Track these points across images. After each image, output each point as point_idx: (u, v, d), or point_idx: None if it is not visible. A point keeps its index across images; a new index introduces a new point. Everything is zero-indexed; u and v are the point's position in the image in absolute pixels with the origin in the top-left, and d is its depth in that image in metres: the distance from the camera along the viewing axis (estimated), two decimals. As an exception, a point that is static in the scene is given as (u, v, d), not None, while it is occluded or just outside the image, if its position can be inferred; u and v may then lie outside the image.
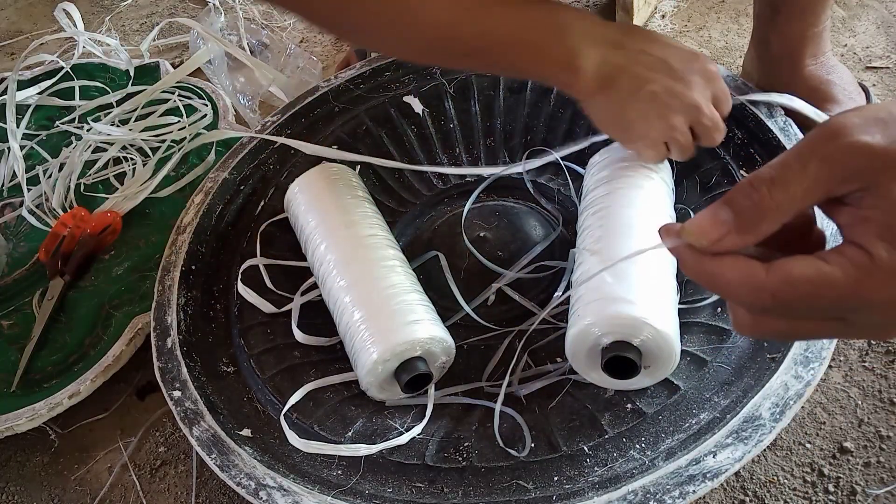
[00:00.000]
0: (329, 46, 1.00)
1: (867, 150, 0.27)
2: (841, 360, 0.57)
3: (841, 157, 0.27)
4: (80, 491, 0.60)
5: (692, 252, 0.30)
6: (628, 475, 0.44)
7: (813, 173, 0.28)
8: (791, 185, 0.28)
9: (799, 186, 0.28)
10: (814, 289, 0.28)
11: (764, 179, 0.28)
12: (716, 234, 0.29)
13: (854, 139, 0.27)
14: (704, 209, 0.30)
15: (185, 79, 0.90)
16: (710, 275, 0.30)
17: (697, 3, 0.91)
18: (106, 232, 0.73)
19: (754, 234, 0.29)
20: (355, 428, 0.51)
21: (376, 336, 0.50)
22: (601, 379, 0.49)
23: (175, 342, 0.56)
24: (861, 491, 0.50)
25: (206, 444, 0.49)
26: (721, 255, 0.29)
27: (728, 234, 0.29)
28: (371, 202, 0.62)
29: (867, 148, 0.27)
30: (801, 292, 0.28)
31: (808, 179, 0.28)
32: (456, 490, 0.47)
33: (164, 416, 0.62)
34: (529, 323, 0.57)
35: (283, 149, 0.70)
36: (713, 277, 0.30)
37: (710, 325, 0.52)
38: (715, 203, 0.29)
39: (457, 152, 0.71)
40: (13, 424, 0.59)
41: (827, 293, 0.28)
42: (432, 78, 0.73)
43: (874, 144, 0.27)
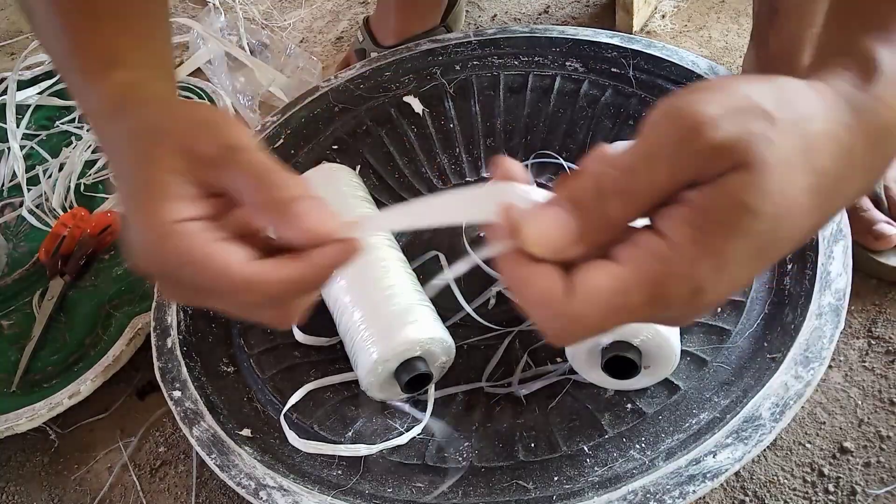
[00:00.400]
0: (329, 46, 1.00)
1: (723, 149, 0.25)
2: (841, 360, 0.57)
3: (694, 164, 0.26)
4: (80, 491, 0.60)
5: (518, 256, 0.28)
6: (628, 475, 0.44)
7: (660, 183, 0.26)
8: (639, 196, 0.26)
9: (646, 197, 0.26)
10: (617, 301, 0.26)
11: (615, 188, 0.27)
12: (560, 244, 0.27)
13: (711, 141, 0.25)
14: (547, 209, 0.27)
15: (185, 79, 0.90)
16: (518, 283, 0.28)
17: (697, 3, 0.91)
18: (106, 232, 0.73)
19: (596, 246, 0.27)
20: (355, 428, 0.51)
21: (376, 336, 0.50)
22: (601, 379, 0.49)
23: (175, 342, 0.56)
24: (861, 491, 0.50)
25: (206, 444, 0.49)
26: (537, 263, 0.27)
27: (572, 245, 0.27)
28: (371, 202, 0.62)
29: (723, 147, 0.25)
30: (604, 310, 0.26)
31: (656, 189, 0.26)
32: (456, 490, 0.47)
33: (164, 416, 0.62)
34: (529, 323, 0.57)
35: (282, 149, 0.70)
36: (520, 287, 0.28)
37: (710, 325, 0.52)
38: (559, 204, 0.27)
39: (457, 152, 0.71)
40: (13, 424, 0.59)
41: (631, 301, 0.26)
42: (432, 78, 0.73)
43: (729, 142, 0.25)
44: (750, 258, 0.26)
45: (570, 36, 0.72)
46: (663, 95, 0.67)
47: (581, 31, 0.72)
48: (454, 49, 0.75)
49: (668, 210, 0.26)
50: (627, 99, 0.68)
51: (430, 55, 0.75)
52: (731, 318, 0.52)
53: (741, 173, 0.25)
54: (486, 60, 0.74)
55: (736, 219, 0.25)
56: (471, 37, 0.75)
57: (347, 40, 1.00)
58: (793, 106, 0.27)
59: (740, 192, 0.25)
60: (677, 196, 0.26)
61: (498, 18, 0.96)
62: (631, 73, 0.68)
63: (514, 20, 0.95)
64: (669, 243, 0.26)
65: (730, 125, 0.25)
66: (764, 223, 0.26)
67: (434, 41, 0.76)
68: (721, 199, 0.25)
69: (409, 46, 0.76)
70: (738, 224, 0.25)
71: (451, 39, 0.75)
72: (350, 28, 1.02)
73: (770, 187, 0.25)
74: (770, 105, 0.26)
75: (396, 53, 0.76)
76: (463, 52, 0.74)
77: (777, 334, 0.49)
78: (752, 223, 0.26)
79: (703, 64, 0.67)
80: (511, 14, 0.96)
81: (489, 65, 0.73)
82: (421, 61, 0.75)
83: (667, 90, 0.67)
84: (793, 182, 0.26)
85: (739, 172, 0.25)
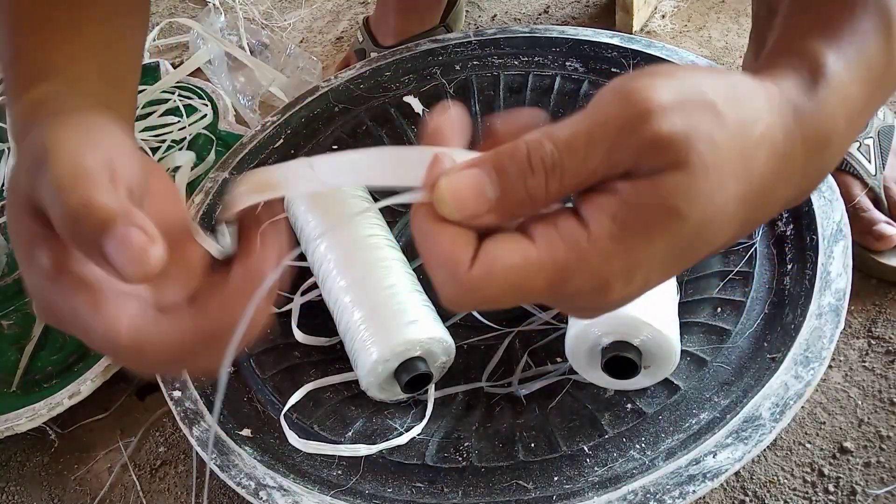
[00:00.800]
0: (329, 46, 1.00)
1: (666, 143, 0.24)
2: (841, 360, 0.57)
3: (633, 151, 0.24)
4: (80, 491, 0.60)
5: (429, 209, 0.27)
6: (628, 475, 0.44)
7: (594, 167, 0.25)
8: (569, 176, 0.25)
9: (576, 179, 0.25)
10: (517, 280, 0.25)
11: (545, 164, 0.25)
12: (472, 210, 0.26)
13: (656, 131, 0.24)
14: (468, 169, 0.26)
15: (185, 79, 0.90)
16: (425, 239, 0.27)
17: (697, 3, 0.91)
18: (106, 232, 0.73)
19: (513, 220, 0.26)
20: (355, 428, 0.51)
21: (376, 336, 0.50)
22: (601, 379, 0.49)
23: (175, 342, 0.56)
24: (861, 491, 0.50)
25: (206, 444, 0.49)
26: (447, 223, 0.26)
27: (486, 213, 0.26)
28: (371, 202, 0.62)
29: (666, 141, 0.24)
30: (503, 285, 0.25)
31: (588, 172, 0.25)
32: (456, 490, 0.47)
33: (164, 416, 0.62)
34: (529, 323, 0.57)
35: (283, 149, 0.70)
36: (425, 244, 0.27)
37: (710, 325, 0.52)
38: (482, 168, 0.26)
39: (457, 152, 0.71)
40: (13, 424, 0.59)
41: (532, 283, 0.25)
42: (432, 78, 0.73)
43: (673, 137, 0.24)
44: (665, 261, 0.26)
45: (570, 36, 0.72)
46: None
47: (581, 31, 0.72)
48: (454, 49, 0.75)
49: (596, 197, 0.25)
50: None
51: (430, 55, 0.75)
52: (731, 318, 0.52)
53: (677, 173, 0.24)
54: (486, 60, 0.74)
55: (661, 221, 0.25)
56: (471, 37, 0.75)
57: (347, 40, 1.00)
58: (741, 106, 0.26)
59: (672, 195, 0.24)
60: (608, 183, 0.25)
61: (498, 18, 0.96)
62: (631, 73, 0.68)
63: (514, 20, 0.95)
64: (588, 234, 0.25)
65: (678, 118, 0.24)
66: (688, 229, 0.25)
67: (434, 41, 0.76)
68: (651, 197, 0.24)
69: (408, 46, 0.76)
70: (662, 227, 0.25)
71: (451, 39, 0.75)
72: (350, 28, 1.02)
73: (702, 193, 0.25)
74: (720, 102, 0.25)
75: (396, 53, 0.76)
76: (463, 52, 0.74)
77: (777, 334, 0.49)
78: (677, 228, 0.25)
79: (703, 64, 0.67)
80: (511, 14, 0.96)
81: (489, 65, 0.73)
82: (421, 61, 0.75)
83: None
84: (725, 189, 0.25)
85: (676, 172, 0.24)
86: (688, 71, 0.27)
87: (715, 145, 0.25)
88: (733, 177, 0.26)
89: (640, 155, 0.24)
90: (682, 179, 0.24)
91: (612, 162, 0.25)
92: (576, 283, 0.25)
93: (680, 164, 0.24)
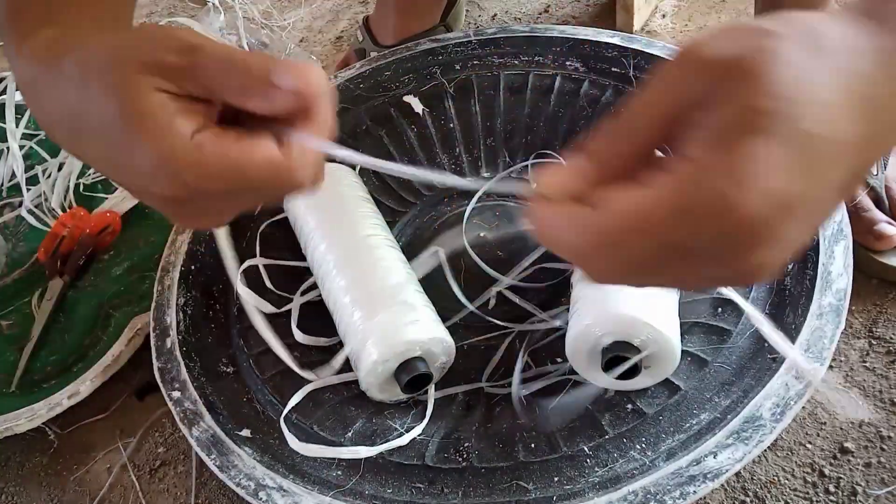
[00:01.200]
0: (329, 46, 1.00)
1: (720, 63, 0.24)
2: (841, 360, 0.57)
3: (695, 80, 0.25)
4: (79, 491, 0.60)
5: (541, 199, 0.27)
6: (629, 476, 0.44)
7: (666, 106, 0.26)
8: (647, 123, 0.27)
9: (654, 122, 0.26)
10: (637, 217, 0.25)
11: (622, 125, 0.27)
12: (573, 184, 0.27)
13: (709, 57, 0.25)
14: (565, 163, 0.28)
15: (185, 78, 0.90)
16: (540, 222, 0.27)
17: (698, 3, 0.91)
18: (105, 232, 0.73)
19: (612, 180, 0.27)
20: (355, 428, 0.51)
21: (376, 336, 0.50)
22: (601, 379, 0.49)
23: (174, 342, 0.56)
24: (862, 491, 0.50)
25: (205, 444, 0.49)
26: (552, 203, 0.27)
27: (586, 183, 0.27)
28: (371, 202, 0.62)
29: (721, 61, 0.24)
30: (625, 226, 0.25)
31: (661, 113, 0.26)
32: (456, 490, 0.47)
33: (163, 417, 0.62)
34: (529, 323, 0.56)
35: (282, 148, 0.70)
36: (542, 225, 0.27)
37: (710, 325, 0.52)
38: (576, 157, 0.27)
39: (457, 152, 0.71)
40: (12, 425, 0.59)
41: (652, 217, 0.24)
42: (432, 78, 0.73)
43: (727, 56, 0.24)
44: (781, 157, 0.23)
45: (571, 35, 0.72)
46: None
47: (581, 31, 0.72)
48: (454, 49, 0.75)
49: (684, 134, 0.25)
50: (628, 99, 0.67)
51: (430, 55, 0.75)
52: (731, 318, 0.52)
53: (745, 81, 0.24)
54: (486, 60, 0.74)
55: (751, 122, 0.23)
56: (471, 36, 0.75)
57: (347, 40, 1.00)
58: (800, 22, 0.26)
59: (748, 98, 0.24)
60: (690, 120, 0.25)
61: (498, 18, 0.96)
62: (631, 73, 0.68)
63: (514, 20, 0.95)
64: (692, 161, 0.24)
65: (728, 42, 0.25)
66: (785, 120, 0.23)
67: (434, 41, 0.76)
68: (730, 109, 0.24)
69: (408, 46, 0.76)
70: (756, 126, 0.23)
71: (451, 39, 0.75)
72: (350, 28, 1.02)
73: (780, 84, 0.23)
74: (771, 24, 0.25)
75: (396, 53, 0.76)
76: (463, 51, 0.74)
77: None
78: (771, 122, 0.23)
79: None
80: (511, 13, 0.96)
81: (489, 64, 0.73)
82: (421, 61, 0.75)
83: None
84: (810, 74, 0.24)
85: (743, 81, 0.24)
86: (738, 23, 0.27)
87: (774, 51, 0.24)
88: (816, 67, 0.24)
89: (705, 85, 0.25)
90: (753, 83, 0.24)
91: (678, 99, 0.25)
92: (690, 201, 0.24)
93: (745, 75, 0.24)
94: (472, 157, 0.71)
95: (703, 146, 0.24)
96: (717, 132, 0.24)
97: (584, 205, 0.26)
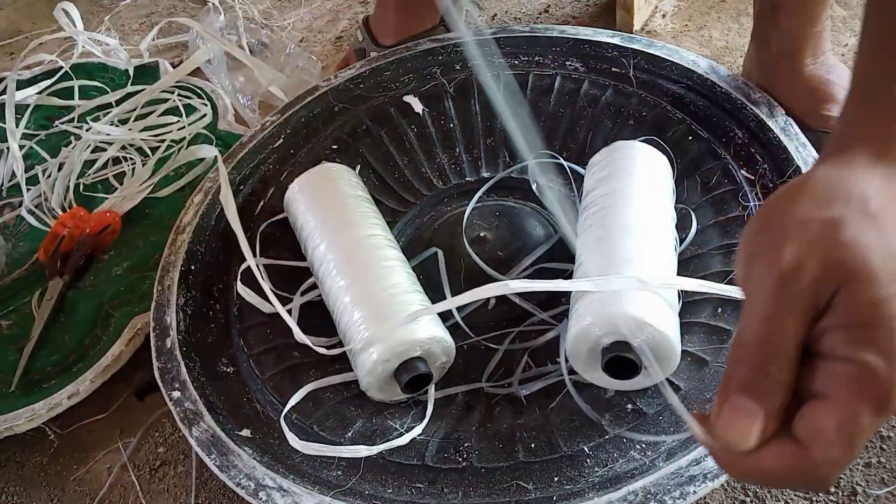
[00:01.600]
0: (329, 46, 1.00)
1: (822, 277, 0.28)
2: (841, 360, 0.57)
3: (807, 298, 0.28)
4: (79, 491, 0.60)
5: (729, 454, 0.29)
6: (629, 476, 0.44)
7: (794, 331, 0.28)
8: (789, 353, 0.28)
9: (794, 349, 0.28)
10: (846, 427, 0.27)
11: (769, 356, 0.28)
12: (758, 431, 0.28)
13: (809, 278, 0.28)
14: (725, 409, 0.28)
15: (185, 78, 0.90)
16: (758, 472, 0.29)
17: (698, 3, 0.91)
18: (105, 232, 0.73)
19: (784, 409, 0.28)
20: (355, 428, 0.51)
21: (376, 336, 0.50)
22: (601, 379, 0.49)
23: (174, 342, 0.56)
24: (862, 491, 0.50)
25: (205, 444, 0.49)
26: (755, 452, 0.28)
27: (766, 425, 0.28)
28: (371, 202, 0.62)
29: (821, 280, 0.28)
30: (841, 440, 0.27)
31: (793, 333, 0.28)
32: (456, 490, 0.47)
33: (163, 417, 0.62)
34: (529, 323, 0.56)
35: (283, 149, 0.70)
36: (762, 474, 0.29)
37: (710, 325, 0.52)
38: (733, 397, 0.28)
39: (457, 152, 0.71)
40: (12, 425, 0.59)
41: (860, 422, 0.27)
42: (432, 78, 0.73)
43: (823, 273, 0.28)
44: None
45: (571, 35, 0.72)
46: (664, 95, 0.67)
47: (581, 31, 0.72)
48: (454, 49, 0.75)
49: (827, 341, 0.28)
50: (628, 99, 0.68)
51: (430, 55, 0.75)
52: (731, 318, 0.52)
53: (846, 288, 0.27)
54: (486, 60, 0.74)
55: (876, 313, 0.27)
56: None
57: (347, 40, 1.00)
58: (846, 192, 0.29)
59: (858, 298, 0.27)
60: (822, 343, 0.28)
61: (498, 18, 0.96)
62: (631, 73, 0.68)
63: (514, 20, 0.95)
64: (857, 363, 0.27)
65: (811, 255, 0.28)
66: None
67: (434, 41, 0.76)
68: (849, 313, 0.27)
69: (408, 46, 0.76)
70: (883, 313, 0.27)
71: (451, 39, 0.75)
72: (350, 28, 1.02)
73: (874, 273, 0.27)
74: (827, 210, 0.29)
75: (396, 53, 0.76)
76: (463, 51, 0.74)
77: None
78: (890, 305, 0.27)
79: (704, 64, 0.66)
80: (511, 14, 0.96)
81: (489, 64, 0.73)
82: (421, 61, 0.75)
83: (667, 90, 0.67)
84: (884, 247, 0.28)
85: (844, 288, 0.27)
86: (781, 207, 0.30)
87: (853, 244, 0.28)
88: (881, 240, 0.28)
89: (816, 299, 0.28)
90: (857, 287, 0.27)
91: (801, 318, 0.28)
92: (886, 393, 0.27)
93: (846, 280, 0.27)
94: (472, 157, 0.71)
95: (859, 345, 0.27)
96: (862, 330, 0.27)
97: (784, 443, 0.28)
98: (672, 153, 0.60)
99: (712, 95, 0.65)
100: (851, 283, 0.27)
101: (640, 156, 0.57)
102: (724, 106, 0.64)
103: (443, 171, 0.70)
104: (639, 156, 0.57)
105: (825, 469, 0.27)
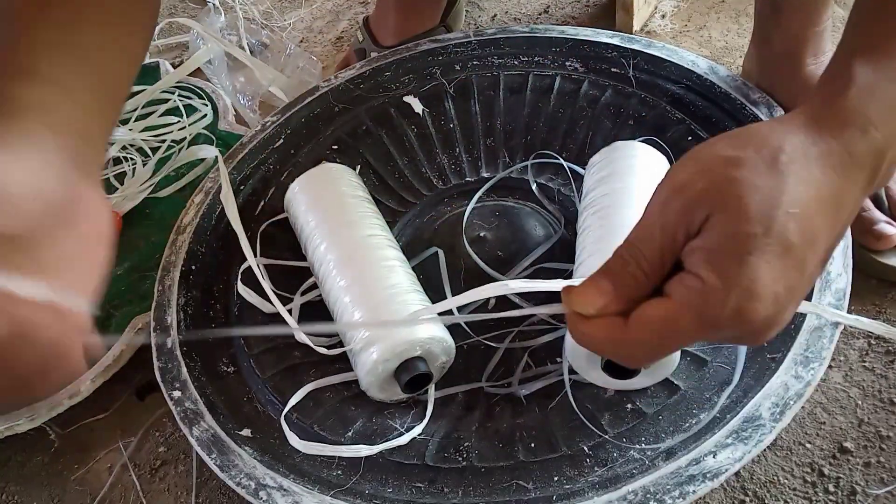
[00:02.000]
0: (329, 46, 1.00)
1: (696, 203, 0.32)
2: (841, 360, 0.57)
3: (680, 218, 0.32)
4: (80, 491, 0.60)
5: (573, 317, 0.35)
6: (628, 475, 0.44)
7: (660, 240, 0.33)
8: (648, 253, 0.33)
9: (655, 253, 0.33)
10: (666, 324, 0.32)
11: (631, 254, 0.34)
12: (600, 302, 0.34)
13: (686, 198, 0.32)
14: (589, 279, 0.35)
15: (185, 79, 0.90)
16: (588, 335, 0.35)
17: (697, 3, 0.91)
18: (106, 232, 0.73)
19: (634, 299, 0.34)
20: (355, 428, 0.51)
21: (376, 336, 0.50)
22: (601, 379, 0.49)
23: (175, 342, 0.56)
24: (861, 491, 0.50)
25: (205, 444, 0.49)
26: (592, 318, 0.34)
27: (611, 302, 0.34)
28: (371, 202, 0.62)
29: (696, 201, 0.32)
30: (657, 331, 0.33)
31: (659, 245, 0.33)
32: (456, 490, 0.47)
33: (164, 417, 0.62)
34: (529, 323, 0.57)
35: (282, 149, 0.70)
36: (590, 338, 0.35)
37: (710, 325, 0.52)
38: (594, 275, 0.35)
39: (457, 152, 0.71)
40: (13, 424, 0.59)
41: (678, 325, 0.32)
42: (432, 78, 0.73)
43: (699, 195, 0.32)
44: (771, 267, 0.30)
45: (570, 36, 0.72)
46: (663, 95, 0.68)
47: (581, 31, 0.72)
48: (454, 49, 0.75)
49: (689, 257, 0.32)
50: (627, 99, 0.68)
51: (430, 55, 0.75)
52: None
53: (726, 213, 0.31)
54: (486, 60, 0.74)
55: (742, 245, 0.30)
56: (471, 37, 0.75)
57: (347, 40, 1.00)
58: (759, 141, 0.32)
59: (731, 226, 0.31)
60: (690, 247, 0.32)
61: (498, 18, 0.96)
62: (631, 73, 0.68)
63: (514, 20, 0.95)
64: (703, 279, 0.31)
65: (700, 177, 0.32)
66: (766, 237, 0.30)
67: (434, 41, 0.76)
68: (713, 238, 0.31)
69: (408, 46, 0.76)
70: (747, 248, 0.30)
71: (451, 39, 0.75)
72: (350, 28, 1.02)
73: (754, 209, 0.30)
74: (733, 150, 0.32)
75: (396, 53, 0.76)
76: (463, 52, 0.74)
77: (777, 334, 0.49)
78: (757, 242, 0.30)
79: (704, 64, 0.67)
80: (511, 14, 0.96)
81: (489, 65, 0.73)
82: (421, 61, 0.75)
83: (667, 90, 0.67)
84: (775, 193, 0.31)
85: (724, 213, 0.31)
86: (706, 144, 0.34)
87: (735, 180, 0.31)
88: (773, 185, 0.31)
89: (688, 220, 0.32)
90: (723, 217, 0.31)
91: (672, 234, 0.33)
92: (712, 313, 0.31)
93: (716, 209, 0.31)
94: (472, 157, 0.71)
95: (709, 267, 0.31)
96: (717, 255, 0.31)
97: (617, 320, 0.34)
98: (672, 153, 0.60)
99: (712, 96, 0.65)
100: (722, 212, 0.31)
101: (639, 156, 0.57)
102: (723, 106, 0.64)
103: (443, 171, 0.70)
104: (638, 156, 0.57)
105: (636, 348, 0.34)
